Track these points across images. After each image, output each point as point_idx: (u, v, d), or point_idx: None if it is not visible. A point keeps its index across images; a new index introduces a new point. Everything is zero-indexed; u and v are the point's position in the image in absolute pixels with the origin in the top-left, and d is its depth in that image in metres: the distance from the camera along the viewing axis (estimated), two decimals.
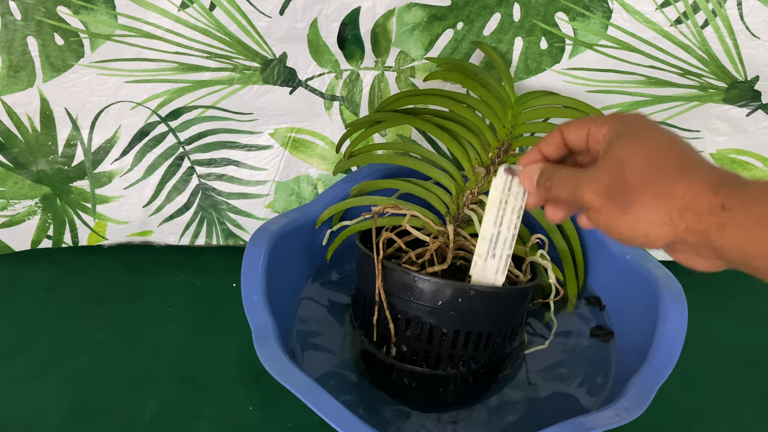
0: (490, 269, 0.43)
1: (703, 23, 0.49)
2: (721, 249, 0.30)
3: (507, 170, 0.40)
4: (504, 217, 0.41)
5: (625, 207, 0.31)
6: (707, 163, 0.31)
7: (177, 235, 0.62)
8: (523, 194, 0.40)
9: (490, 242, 0.42)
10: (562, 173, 0.35)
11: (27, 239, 0.60)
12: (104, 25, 0.47)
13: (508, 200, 0.41)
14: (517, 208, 0.41)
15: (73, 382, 0.51)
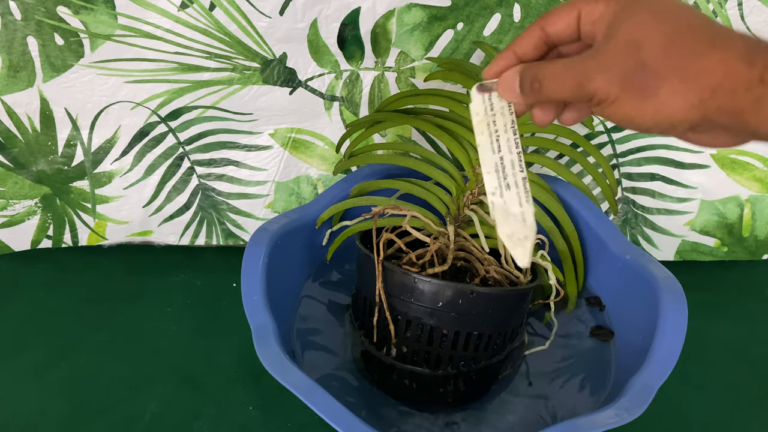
0: (512, 203, 0.34)
1: None
2: (757, 127, 0.26)
3: (480, 88, 0.35)
4: (499, 139, 0.35)
5: (648, 94, 0.27)
6: (736, 31, 0.27)
7: (177, 235, 0.62)
8: (509, 107, 0.35)
9: (497, 172, 0.35)
10: (556, 69, 0.30)
11: (27, 239, 0.60)
12: (104, 25, 0.47)
13: (495, 120, 0.35)
14: (509, 123, 0.35)
15: (73, 382, 0.51)
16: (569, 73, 0.30)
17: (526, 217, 0.34)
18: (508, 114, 0.35)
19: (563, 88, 0.30)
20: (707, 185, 0.59)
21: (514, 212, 0.34)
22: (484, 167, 0.35)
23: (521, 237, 0.33)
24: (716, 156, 0.58)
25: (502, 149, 0.35)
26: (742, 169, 0.58)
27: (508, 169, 0.35)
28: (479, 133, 0.35)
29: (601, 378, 0.50)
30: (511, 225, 0.34)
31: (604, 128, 0.58)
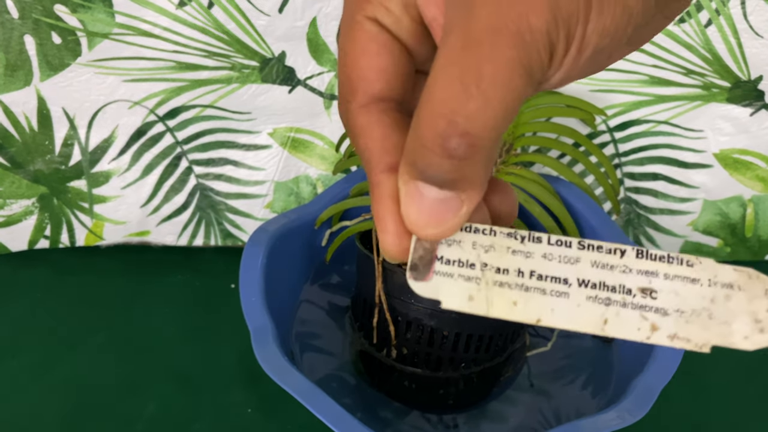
0: None
1: (707, 22, 0.49)
2: None
3: (415, 274, 0.20)
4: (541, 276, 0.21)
5: None
6: None
7: (175, 235, 0.62)
8: (479, 231, 0.21)
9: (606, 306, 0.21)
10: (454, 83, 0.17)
11: (24, 239, 0.60)
12: (102, 23, 0.47)
13: (461, 242, 0.20)
14: (508, 242, 0.21)
15: (70, 384, 0.51)
16: (490, 51, 0.16)
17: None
18: (492, 236, 0.20)
19: (508, 91, 0.17)
20: (710, 185, 0.59)
21: None
22: None
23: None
24: (719, 155, 0.58)
25: (570, 281, 0.20)
26: (744, 168, 0.58)
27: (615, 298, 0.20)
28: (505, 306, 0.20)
29: (603, 379, 0.50)
30: None
31: (606, 127, 0.57)
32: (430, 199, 0.19)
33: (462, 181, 0.18)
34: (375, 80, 0.20)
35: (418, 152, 0.18)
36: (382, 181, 0.20)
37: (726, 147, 0.57)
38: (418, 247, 0.20)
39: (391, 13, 0.20)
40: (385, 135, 0.20)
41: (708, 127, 0.56)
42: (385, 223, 0.20)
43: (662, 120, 0.56)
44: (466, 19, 0.17)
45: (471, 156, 0.17)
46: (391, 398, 0.48)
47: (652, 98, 0.54)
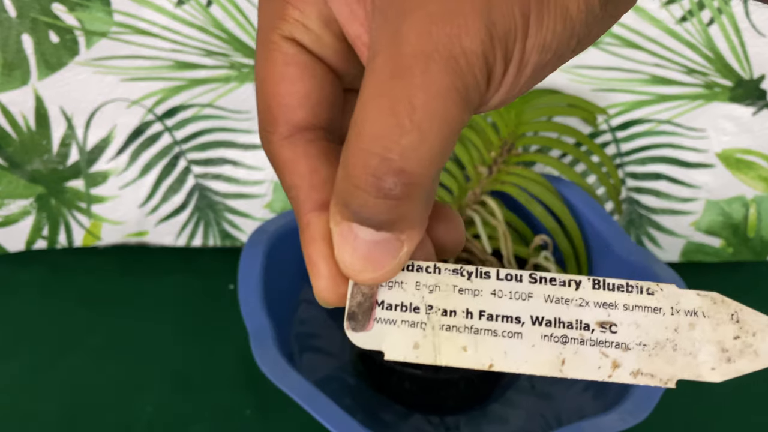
0: None
1: (709, 21, 0.49)
2: None
3: (353, 324, 0.19)
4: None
5: None
6: None
7: (173, 235, 0.61)
8: (423, 271, 0.19)
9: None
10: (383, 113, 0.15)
11: (21, 240, 0.60)
12: (100, 22, 0.47)
13: (403, 283, 0.19)
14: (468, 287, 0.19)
15: (67, 385, 0.50)
16: (419, 78, 0.15)
17: None
18: (436, 274, 0.19)
19: (437, 121, 0.15)
20: (712, 185, 0.59)
21: None
22: None
23: None
24: (721, 155, 0.57)
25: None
26: (747, 168, 0.58)
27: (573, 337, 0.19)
28: None
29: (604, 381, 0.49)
30: None
31: (607, 127, 0.57)
32: (366, 241, 0.17)
33: (400, 221, 0.17)
34: (297, 108, 0.18)
35: (350, 192, 0.16)
36: (311, 221, 0.18)
37: (728, 147, 0.57)
38: (355, 292, 0.18)
39: (310, 31, 0.18)
40: (313, 169, 0.18)
41: (710, 126, 0.56)
42: (317, 268, 0.18)
43: (664, 119, 0.55)
44: (394, 42, 0.15)
45: (409, 195, 0.16)
46: (392, 400, 0.48)
47: (653, 97, 0.54)
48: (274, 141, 0.19)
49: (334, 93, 0.19)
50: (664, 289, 0.19)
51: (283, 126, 0.19)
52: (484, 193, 0.49)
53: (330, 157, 0.19)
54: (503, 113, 0.50)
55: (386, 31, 0.16)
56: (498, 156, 0.50)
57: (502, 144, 0.50)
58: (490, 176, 0.49)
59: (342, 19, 0.18)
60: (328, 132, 0.19)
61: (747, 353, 0.19)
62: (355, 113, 0.16)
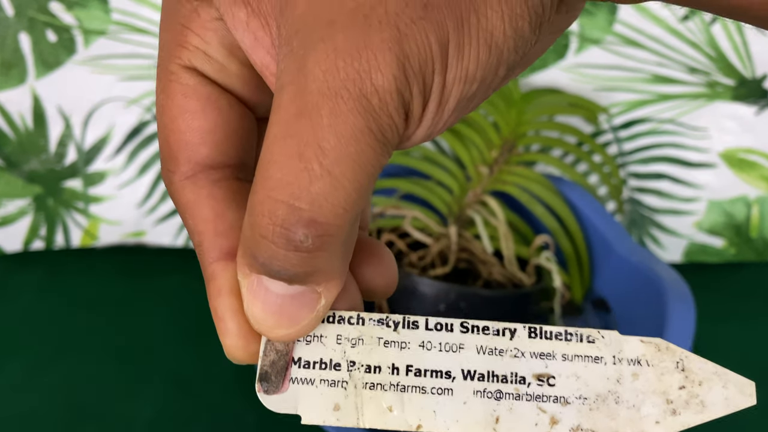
0: None
1: (711, 20, 0.48)
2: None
3: (262, 381, 0.17)
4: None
5: None
6: None
7: (171, 235, 0.61)
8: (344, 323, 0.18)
9: None
10: (291, 167, 0.14)
11: (19, 240, 0.59)
12: (98, 21, 0.47)
13: (322, 337, 0.17)
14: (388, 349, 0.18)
15: (65, 387, 0.50)
16: (329, 124, 0.14)
17: None
18: (359, 325, 0.17)
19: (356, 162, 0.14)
20: (715, 185, 0.59)
21: None
22: None
23: None
24: (724, 154, 0.57)
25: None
26: (749, 168, 0.57)
27: None
28: None
29: None
30: None
31: (609, 126, 0.57)
32: (279, 294, 0.15)
33: (315, 274, 0.15)
34: (199, 145, 0.17)
35: (257, 243, 0.15)
36: (217, 272, 0.17)
37: (731, 146, 0.56)
38: (269, 350, 0.17)
39: (213, 60, 0.17)
40: (218, 213, 0.17)
41: (712, 125, 0.55)
42: (225, 324, 0.16)
43: (666, 119, 0.55)
44: (299, 76, 0.14)
45: (322, 247, 0.14)
46: None
47: (655, 96, 0.53)
48: (175, 181, 0.17)
49: (244, 126, 0.18)
50: (606, 336, 0.18)
51: (185, 165, 0.17)
52: (485, 193, 0.49)
53: (239, 198, 0.17)
54: (504, 112, 0.50)
55: (292, 64, 0.14)
56: (499, 155, 0.50)
57: (504, 143, 0.50)
58: (491, 176, 0.49)
59: (246, 47, 0.16)
60: (238, 170, 0.18)
61: (693, 404, 0.18)
62: (262, 154, 0.14)
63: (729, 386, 0.19)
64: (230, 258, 0.17)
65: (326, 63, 0.14)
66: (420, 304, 0.44)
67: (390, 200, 0.51)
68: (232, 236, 0.17)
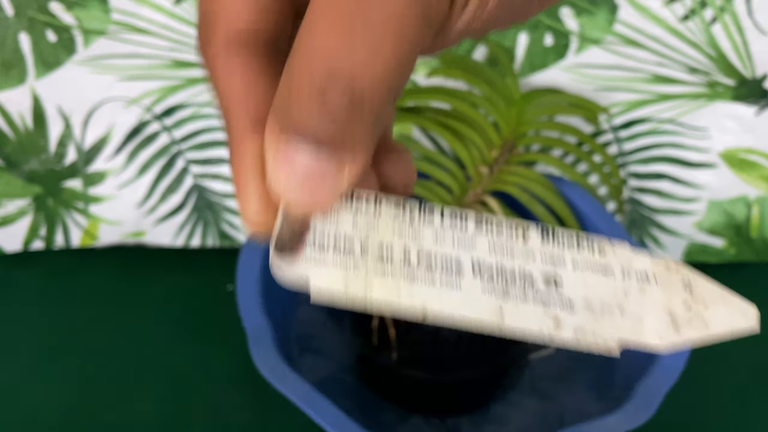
0: None
1: (711, 19, 0.49)
2: None
3: (277, 250, 0.17)
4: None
5: None
6: None
7: (171, 236, 0.61)
8: (372, 204, 0.18)
9: None
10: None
11: (18, 240, 0.60)
12: (97, 20, 0.47)
13: (338, 216, 0.18)
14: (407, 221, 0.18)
15: (64, 386, 0.50)
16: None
17: None
18: (377, 209, 0.18)
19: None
20: (715, 185, 0.59)
21: None
22: None
23: None
24: (724, 154, 0.57)
25: None
26: (750, 168, 0.58)
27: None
28: None
29: (607, 382, 0.49)
30: None
31: (609, 126, 0.57)
32: (305, 162, 0.15)
33: (344, 141, 0.15)
34: (241, 11, 0.17)
35: (292, 104, 0.14)
36: (244, 138, 0.16)
37: (731, 146, 0.56)
38: (285, 221, 0.17)
39: None
40: (251, 82, 0.17)
41: (713, 125, 0.55)
42: (246, 191, 0.16)
43: (666, 119, 0.55)
44: None
45: (356, 113, 0.14)
46: (392, 402, 0.48)
47: (655, 96, 0.54)
48: (210, 49, 0.17)
49: (282, 6, 0.18)
50: (618, 249, 0.18)
51: (223, 31, 0.17)
52: (485, 193, 0.49)
53: (271, 72, 0.17)
54: (504, 112, 0.50)
55: None
56: (499, 155, 0.50)
57: (504, 143, 0.50)
58: (491, 176, 0.49)
59: None
60: (271, 46, 0.17)
61: (696, 323, 0.18)
62: (303, 23, 0.14)
63: (732, 309, 0.20)
64: (259, 129, 0.16)
65: None
66: None
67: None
68: (263, 107, 0.16)
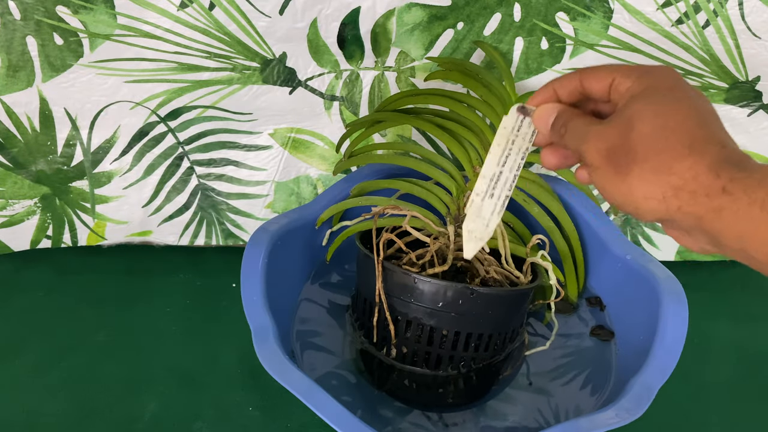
0: (487, 209, 0.39)
1: (705, 23, 0.49)
2: (716, 235, 0.28)
3: (519, 109, 0.38)
4: (509, 158, 0.39)
5: (622, 173, 0.29)
6: (719, 140, 0.29)
7: (176, 235, 0.62)
8: (531, 135, 0.38)
9: (491, 181, 0.39)
10: (577, 123, 0.33)
11: (26, 239, 0.60)
12: (103, 24, 0.47)
13: (515, 140, 0.38)
14: (523, 149, 0.39)
15: (72, 383, 0.51)
16: (582, 130, 0.32)
17: (490, 225, 0.39)
18: (528, 140, 0.38)
19: (572, 141, 0.33)
20: None
21: (484, 216, 0.39)
22: (483, 171, 0.39)
23: (478, 236, 0.39)
24: None
25: (506, 165, 0.39)
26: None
27: (500, 184, 0.39)
28: (497, 144, 0.39)
29: (601, 378, 0.50)
30: (476, 224, 0.39)
31: None
32: (553, 115, 0.36)
33: (554, 130, 0.36)
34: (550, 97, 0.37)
35: (566, 112, 0.35)
36: (552, 93, 0.36)
37: None
38: (529, 111, 0.38)
39: (594, 83, 0.34)
40: (570, 91, 0.35)
41: None
42: (544, 93, 0.36)
43: None
44: (609, 125, 0.31)
45: (560, 136, 0.35)
46: (392, 396, 0.48)
47: None
48: (573, 77, 0.35)
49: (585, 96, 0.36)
50: None
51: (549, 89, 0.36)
52: None
53: (572, 102, 0.36)
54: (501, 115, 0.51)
55: (625, 118, 0.31)
56: None
57: None
58: None
59: (613, 93, 0.33)
60: (584, 97, 0.35)
61: None
62: (603, 125, 0.32)
63: None
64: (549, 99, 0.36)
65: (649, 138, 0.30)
66: (419, 301, 0.44)
67: (390, 200, 0.52)
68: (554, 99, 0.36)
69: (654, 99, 0.30)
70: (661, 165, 0.28)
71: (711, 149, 0.28)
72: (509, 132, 0.39)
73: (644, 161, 0.29)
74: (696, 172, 0.28)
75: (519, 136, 0.39)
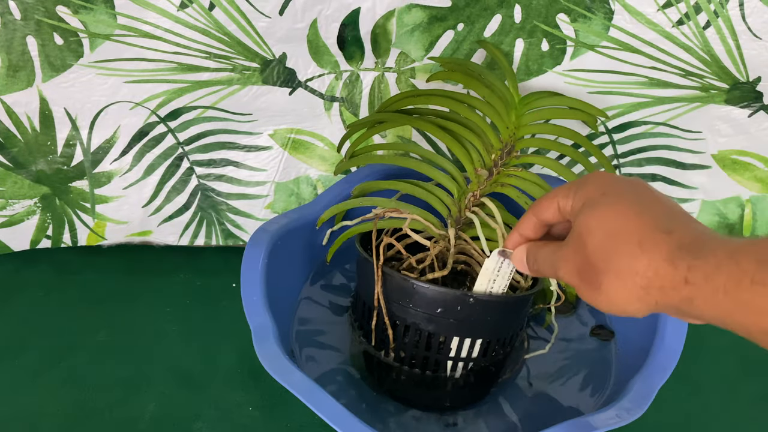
0: (498, 284, 0.44)
1: (705, 24, 0.49)
2: (700, 317, 0.28)
3: (500, 253, 0.42)
4: (495, 281, 0.43)
5: (596, 288, 0.30)
6: (664, 227, 0.29)
7: (176, 235, 0.62)
8: (510, 273, 0.43)
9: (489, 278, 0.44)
10: (544, 253, 0.35)
11: (26, 239, 0.60)
12: (104, 24, 0.47)
13: (496, 279, 0.43)
14: (502, 286, 0.44)
15: (72, 383, 0.51)
16: (549, 259, 0.34)
17: (495, 288, 0.44)
18: (507, 277, 0.43)
19: (547, 271, 0.35)
20: (708, 186, 0.59)
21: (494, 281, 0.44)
22: (480, 276, 0.43)
23: (486, 284, 0.43)
24: (717, 156, 0.58)
25: (496, 283, 0.44)
26: (743, 169, 0.58)
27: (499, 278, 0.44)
28: (479, 284, 0.43)
29: (601, 378, 0.50)
30: (486, 279, 0.43)
31: (605, 129, 0.58)
32: (524, 256, 0.38)
33: (529, 266, 0.38)
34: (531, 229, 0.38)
35: (532, 248, 0.37)
36: (518, 237, 0.38)
37: (724, 148, 0.57)
38: (508, 254, 0.41)
39: (545, 212, 0.36)
40: (533, 227, 0.37)
41: (706, 128, 0.56)
42: (512, 238, 0.38)
43: (661, 121, 0.56)
44: (567, 247, 0.33)
45: (536, 271, 0.37)
46: (391, 397, 0.48)
47: (650, 100, 0.54)
48: (528, 216, 0.37)
49: (543, 231, 0.38)
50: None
51: (530, 222, 0.38)
52: (483, 195, 0.49)
53: (541, 235, 0.38)
54: (503, 116, 0.51)
55: (578, 239, 0.32)
56: (498, 158, 0.50)
57: (503, 146, 0.50)
58: (489, 178, 0.50)
59: (563, 214, 0.35)
60: (547, 227, 0.37)
61: None
62: (564, 248, 0.33)
63: None
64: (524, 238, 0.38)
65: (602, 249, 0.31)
66: (417, 307, 0.44)
67: (391, 201, 0.52)
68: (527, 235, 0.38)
69: (592, 210, 0.31)
70: (622, 270, 0.29)
71: (660, 239, 0.28)
72: (490, 272, 0.43)
73: (606, 271, 0.30)
74: (655, 267, 0.28)
75: (500, 276, 0.43)
